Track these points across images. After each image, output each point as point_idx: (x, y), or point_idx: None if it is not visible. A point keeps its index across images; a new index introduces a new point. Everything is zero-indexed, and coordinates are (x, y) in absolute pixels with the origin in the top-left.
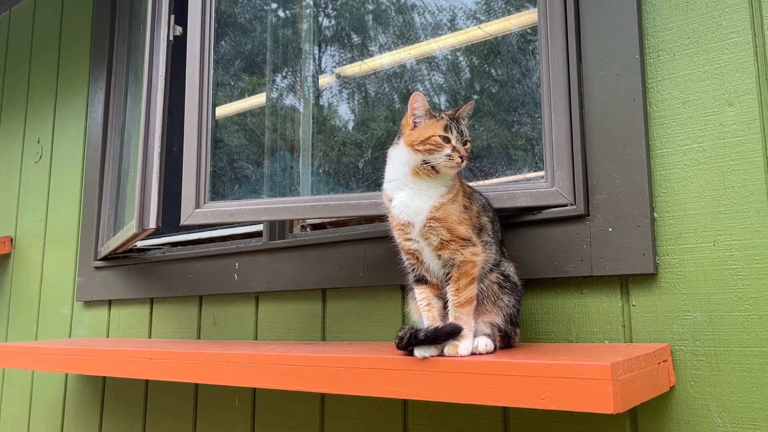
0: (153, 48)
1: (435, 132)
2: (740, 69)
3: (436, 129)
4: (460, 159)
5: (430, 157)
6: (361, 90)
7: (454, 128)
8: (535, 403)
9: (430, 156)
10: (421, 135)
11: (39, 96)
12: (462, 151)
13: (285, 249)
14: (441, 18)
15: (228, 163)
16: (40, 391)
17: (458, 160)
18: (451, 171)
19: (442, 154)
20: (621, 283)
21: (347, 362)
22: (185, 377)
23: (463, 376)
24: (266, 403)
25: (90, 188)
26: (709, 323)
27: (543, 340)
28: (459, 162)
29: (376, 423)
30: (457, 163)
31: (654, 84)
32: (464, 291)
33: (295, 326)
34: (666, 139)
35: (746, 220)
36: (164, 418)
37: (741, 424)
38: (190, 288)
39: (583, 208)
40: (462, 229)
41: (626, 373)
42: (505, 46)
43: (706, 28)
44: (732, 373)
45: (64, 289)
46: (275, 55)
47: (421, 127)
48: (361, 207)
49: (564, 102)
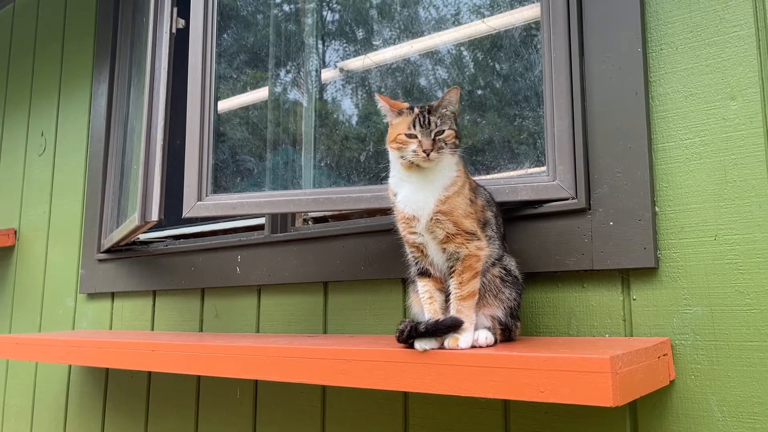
0: (156, 40)
1: (401, 130)
2: (743, 63)
3: (402, 127)
4: (424, 153)
5: (402, 153)
6: (365, 84)
7: (420, 122)
8: (535, 396)
9: (401, 153)
10: (391, 134)
11: (42, 89)
12: (426, 144)
13: (287, 242)
14: (445, 12)
15: (230, 156)
16: (44, 383)
17: (422, 155)
18: (424, 164)
19: (409, 150)
20: (622, 277)
21: (348, 355)
22: (187, 369)
23: (463, 369)
24: (268, 395)
25: (93, 181)
26: (709, 317)
27: (543, 333)
28: (424, 156)
29: (377, 415)
30: (423, 158)
31: (656, 78)
32: (467, 285)
33: (296, 319)
34: (668, 132)
35: (748, 214)
36: (166, 409)
37: (741, 418)
38: (192, 281)
39: (584, 202)
40: (468, 223)
41: (626, 367)
42: (507, 39)
43: (709, 21)
44: (732, 368)
45: (68, 281)
46: (278, 48)
47: (392, 126)
48: (363, 200)
49: (566, 95)
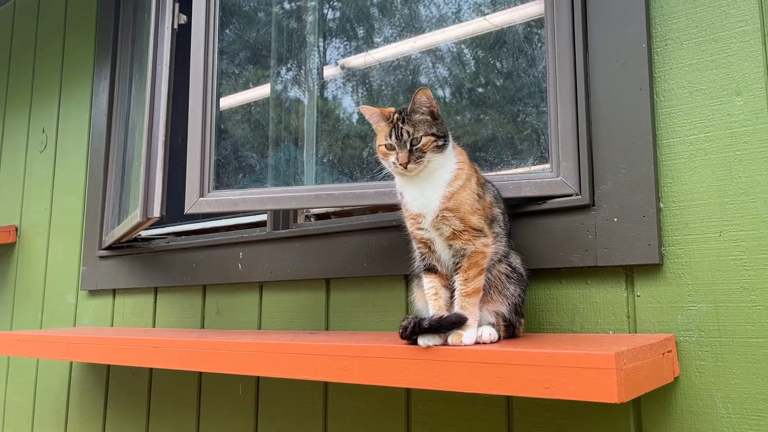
0: (157, 36)
1: (381, 141)
2: (748, 58)
3: (381, 137)
4: (402, 167)
5: (386, 163)
6: (365, 82)
7: (395, 132)
8: (540, 392)
9: (385, 163)
10: (375, 144)
11: (44, 85)
12: (402, 158)
13: (289, 239)
14: (446, 10)
15: (232, 152)
16: (45, 380)
17: (400, 170)
18: (407, 174)
19: (390, 162)
20: (626, 273)
21: (351, 351)
22: (189, 365)
23: (467, 365)
24: (269, 392)
25: (94, 177)
26: (714, 314)
27: (547, 330)
28: (401, 172)
29: (379, 412)
30: (402, 170)
31: (661, 73)
32: (473, 281)
33: (298, 316)
34: (672, 128)
35: (753, 210)
36: (168, 406)
37: (745, 414)
38: (193, 277)
39: (588, 198)
40: (475, 219)
41: (630, 363)
42: (511, 35)
43: (715, 16)
44: (737, 364)
45: (69, 278)
46: (279, 43)
47: (377, 134)
48: (366, 196)
49: (570, 91)
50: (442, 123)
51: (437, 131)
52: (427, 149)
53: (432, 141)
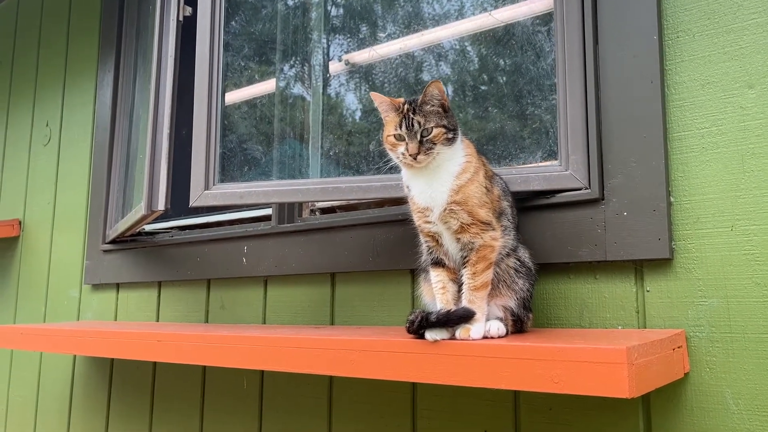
0: (162, 29)
1: (390, 131)
2: (762, 50)
3: (390, 127)
4: (411, 156)
5: (394, 154)
6: (369, 77)
7: (405, 123)
8: (549, 387)
9: (394, 154)
10: (383, 134)
11: (47, 79)
12: (412, 148)
13: (294, 233)
14: (448, 8)
15: (237, 146)
16: (49, 374)
17: (410, 159)
18: (416, 166)
19: (399, 153)
20: (636, 268)
21: (358, 345)
22: (193, 359)
23: (475, 360)
24: (274, 386)
25: (98, 171)
26: (725, 309)
27: (555, 325)
28: (411, 162)
29: (385, 407)
30: (411, 161)
31: (672, 66)
32: (481, 275)
33: (303, 310)
34: (684, 121)
35: (766, 204)
36: (172, 400)
37: (757, 411)
38: (198, 271)
39: (597, 192)
40: (483, 212)
41: (641, 358)
42: (520, 28)
43: (727, 8)
44: (748, 360)
45: (73, 272)
46: (285, 35)
47: (385, 123)
48: (372, 189)
49: (579, 84)
50: (452, 116)
51: (448, 123)
52: (437, 141)
53: (443, 133)
